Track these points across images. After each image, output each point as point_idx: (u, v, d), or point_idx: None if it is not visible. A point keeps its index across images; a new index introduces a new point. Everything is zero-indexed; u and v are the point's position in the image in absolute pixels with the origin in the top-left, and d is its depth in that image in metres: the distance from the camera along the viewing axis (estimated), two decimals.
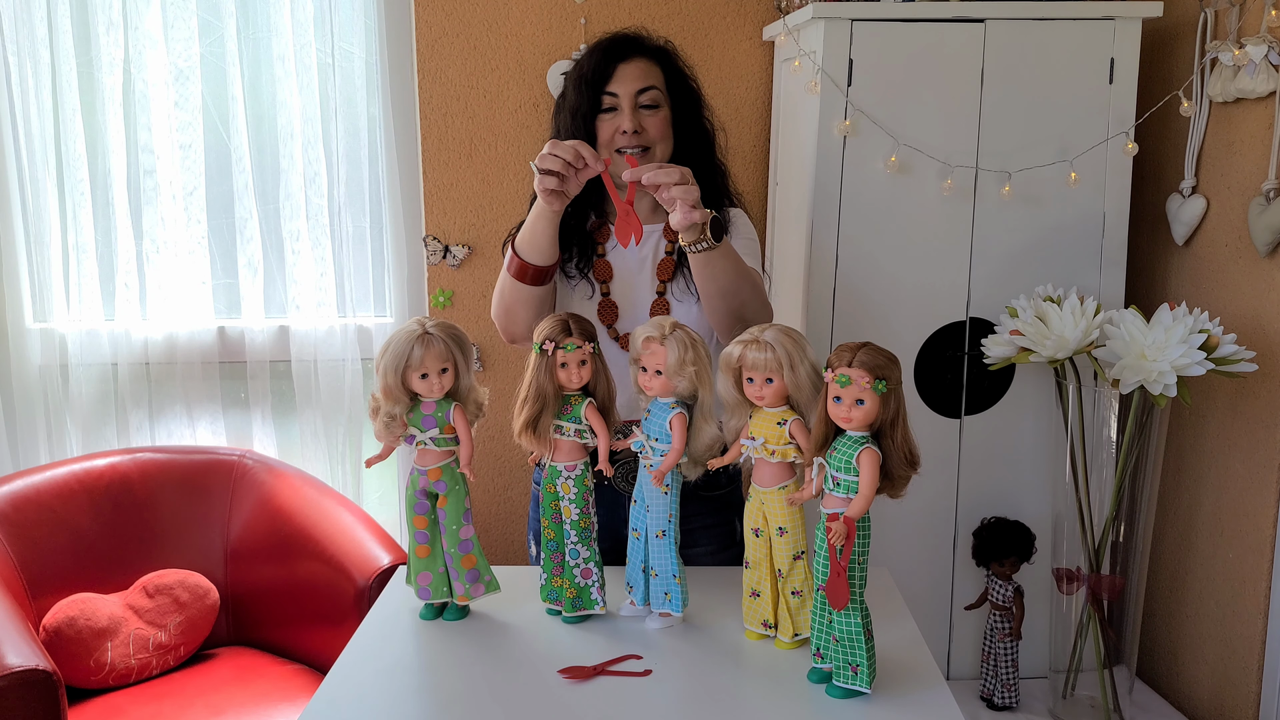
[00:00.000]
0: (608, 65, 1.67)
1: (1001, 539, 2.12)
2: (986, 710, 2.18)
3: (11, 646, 1.75)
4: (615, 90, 1.67)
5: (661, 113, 1.69)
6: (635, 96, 1.67)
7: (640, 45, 1.71)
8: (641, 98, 1.67)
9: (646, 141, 1.68)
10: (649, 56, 1.70)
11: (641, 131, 1.67)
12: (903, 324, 2.17)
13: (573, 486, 1.43)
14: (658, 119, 1.69)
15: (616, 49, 1.69)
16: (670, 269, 1.74)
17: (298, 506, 2.27)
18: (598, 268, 1.74)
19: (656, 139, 1.69)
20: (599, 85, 1.67)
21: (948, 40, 2.07)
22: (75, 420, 2.54)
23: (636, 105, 1.67)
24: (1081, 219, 2.15)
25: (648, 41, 1.72)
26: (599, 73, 1.67)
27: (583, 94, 1.68)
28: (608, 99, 1.68)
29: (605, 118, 1.69)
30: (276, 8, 2.42)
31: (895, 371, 1.21)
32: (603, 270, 1.74)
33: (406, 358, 1.37)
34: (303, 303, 2.54)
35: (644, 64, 1.69)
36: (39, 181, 2.45)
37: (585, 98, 1.68)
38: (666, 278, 1.73)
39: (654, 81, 1.69)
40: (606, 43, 1.70)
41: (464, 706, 1.26)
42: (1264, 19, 1.93)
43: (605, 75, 1.67)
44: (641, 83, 1.67)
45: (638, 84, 1.67)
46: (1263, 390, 1.99)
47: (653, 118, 1.68)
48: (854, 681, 1.25)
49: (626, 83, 1.67)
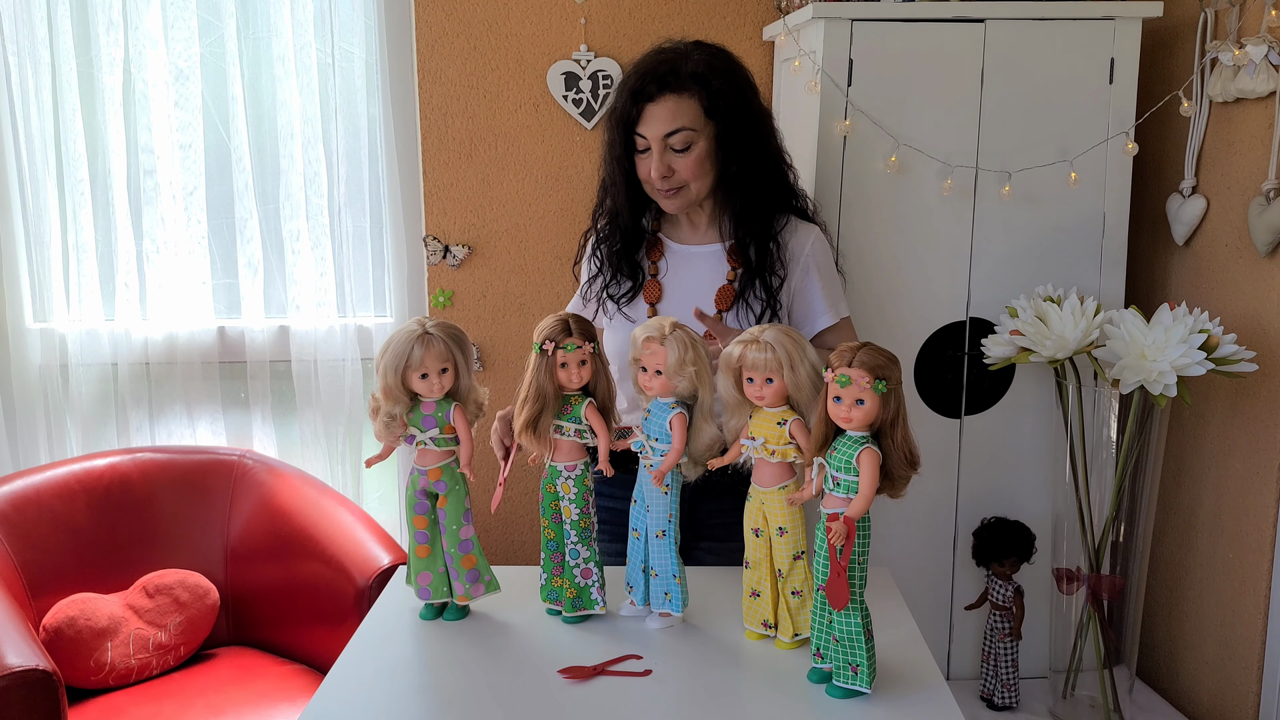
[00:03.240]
0: (635, 106, 1.62)
1: (1001, 539, 2.12)
2: (986, 710, 2.18)
3: (11, 646, 1.75)
4: (644, 133, 1.63)
5: (695, 151, 1.63)
6: (664, 140, 1.62)
7: (669, 81, 1.61)
8: (671, 140, 1.62)
9: (678, 183, 1.65)
10: (682, 90, 1.61)
11: (671, 174, 1.64)
12: (903, 324, 2.17)
13: (573, 486, 1.43)
14: (689, 160, 1.63)
15: (646, 88, 1.61)
16: (730, 298, 1.69)
17: (298, 506, 2.27)
18: (646, 289, 1.72)
19: (690, 178, 1.65)
20: (629, 126, 1.63)
21: (948, 40, 2.07)
22: (75, 420, 2.54)
23: (666, 147, 1.62)
24: (1081, 219, 2.15)
25: (677, 76, 1.61)
26: (627, 114, 1.63)
27: (614, 134, 1.65)
28: (639, 140, 1.64)
29: (640, 156, 1.66)
30: (276, 8, 2.42)
31: (895, 371, 1.21)
32: (652, 291, 1.71)
33: (406, 358, 1.37)
34: (303, 303, 2.54)
35: (673, 102, 1.61)
36: (39, 181, 2.45)
37: (617, 138, 1.65)
38: (725, 307, 1.69)
39: (684, 120, 1.61)
40: (635, 81, 1.63)
41: (464, 706, 1.26)
42: (1264, 19, 1.93)
43: (634, 117, 1.63)
44: (669, 125, 1.61)
45: (665, 127, 1.61)
46: (1263, 390, 1.98)
47: (683, 158, 1.63)
48: (854, 681, 1.25)
49: (654, 125, 1.61)
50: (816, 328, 1.74)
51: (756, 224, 1.69)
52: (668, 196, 1.67)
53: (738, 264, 1.71)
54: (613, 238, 1.74)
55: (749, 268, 1.69)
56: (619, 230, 1.74)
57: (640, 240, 1.74)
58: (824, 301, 1.74)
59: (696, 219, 1.75)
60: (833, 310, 1.74)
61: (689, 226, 1.76)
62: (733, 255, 1.72)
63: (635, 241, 1.74)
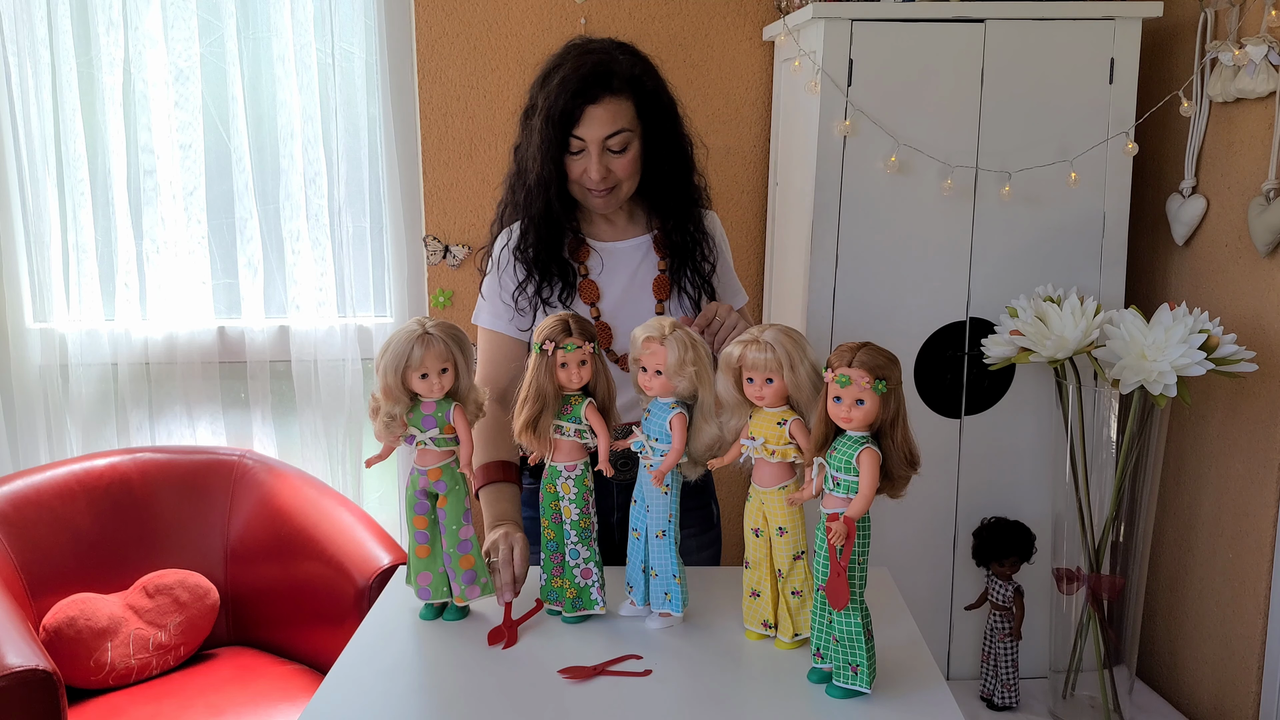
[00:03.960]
0: (575, 108, 1.59)
1: (1001, 539, 2.12)
2: (986, 710, 2.18)
3: (11, 646, 1.75)
4: (582, 135, 1.60)
5: (630, 151, 1.63)
6: (603, 141, 1.61)
7: (609, 83, 1.60)
8: (610, 142, 1.61)
9: (613, 183, 1.65)
10: (619, 92, 1.60)
11: (608, 175, 1.63)
12: (903, 324, 2.17)
13: (573, 486, 1.43)
14: (625, 160, 1.63)
15: (586, 89, 1.59)
16: (666, 288, 1.71)
17: (298, 506, 2.27)
18: (583, 289, 1.70)
19: (624, 177, 1.65)
20: (567, 127, 1.60)
21: (948, 40, 2.07)
22: (75, 420, 2.54)
23: (604, 149, 1.61)
24: (1081, 219, 2.15)
25: (617, 77, 1.61)
26: (567, 115, 1.60)
27: (549, 134, 1.61)
28: (575, 141, 1.61)
29: (573, 157, 1.63)
30: (276, 8, 2.42)
31: (895, 371, 1.21)
32: (589, 291, 1.70)
33: (406, 358, 1.37)
34: (303, 303, 2.54)
35: (613, 104, 1.60)
36: (39, 181, 2.45)
37: (552, 138, 1.61)
38: (664, 296, 1.71)
39: (623, 122, 1.61)
40: (576, 82, 1.59)
41: (464, 706, 1.25)
42: (1264, 19, 1.93)
43: (573, 118, 1.60)
44: (610, 127, 1.60)
45: (605, 129, 1.60)
46: (1263, 390, 1.98)
47: (620, 159, 1.63)
48: (854, 681, 1.25)
49: (595, 127, 1.59)
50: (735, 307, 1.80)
51: (684, 216, 1.72)
52: (600, 196, 1.66)
53: (665, 255, 1.73)
54: (537, 241, 1.70)
55: (679, 258, 1.72)
56: (543, 232, 1.69)
57: (562, 240, 1.71)
58: (737, 281, 1.85)
59: (616, 215, 1.75)
60: (741, 291, 1.85)
61: (607, 223, 1.75)
62: (660, 247, 1.73)
63: (559, 242, 1.71)
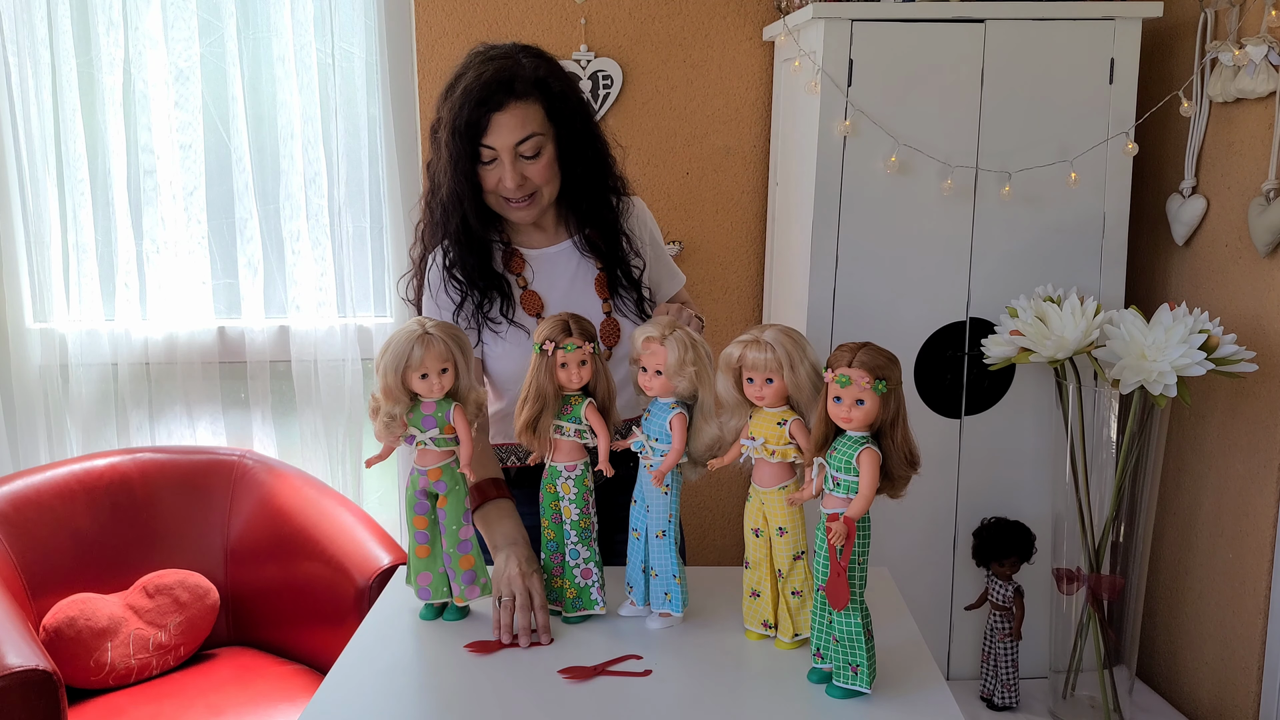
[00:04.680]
0: (480, 117, 1.56)
1: (1001, 539, 2.12)
2: (986, 710, 2.18)
3: (11, 646, 1.75)
4: (492, 144, 1.57)
5: (544, 156, 1.60)
6: (514, 148, 1.57)
7: (512, 88, 1.56)
8: (521, 148, 1.58)
9: (531, 189, 1.62)
10: (525, 96, 1.56)
11: (525, 182, 1.60)
12: (903, 324, 2.17)
13: (573, 486, 1.43)
14: (540, 165, 1.60)
15: (491, 96, 1.56)
16: (606, 285, 1.70)
17: (298, 506, 2.27)
18: (525, 301, 1.67)
19: (541, 183, 1.62)
20: (475, 138, 1.57)
21: (948, 40, 2.07)
22: (75, 420, 2.54)
23: (517, 156, 1.58)
24: (1081, 219, 2.15)
25: (521, 81, 1.57)
26: (474, 125, 1.56)
27: (457, 146, 1.57)
28: (486, 151, 1.58)
29: (486, 168, 1.60)
30: (276, 8, 2.42)
31: (895, 371, 1.21)
32: (531, 303, 1.68)
33: (406, 358, 1.37)
34: (303, 303, 2.54)
35: (520, 108, 1.56)
36: (39, 181, 2.45)
37: (462, 151, 1.58)
38: (608, 295, 1.70)
39: (533, 126, 1.58)
40: (479, 90, 1.55)
41: (464, 706, 1.26)
42: (1264, 19, 1.93)
43: (481, 128, 1.56)
44: (519, 133, 1.57)
45: (515, 135, 1.56)
46: (1263, 390, 1.98)
47: (535, 165, 1.60)
48: (854, 681, 1.25)
49: (503, 135, 1.56)
50: (671, 291, 1.82)
51: (603, 218, 1.71)
52: (520, 206, 1.63)
53: (599, 254, 1.71)
54: (462, 258, 1.66)
55: (608, 259, 1.71)
56: (470, 248, 1.66)
57: (489, 255, 1.68)
58: (672, 264, 1.84)
59: (544, 221, 1.72)
60: (677, 273, 1.85)
61: (538, 230, 1.73)
62: (588, 249, 1.72)
63: (487, 256, 1.68)
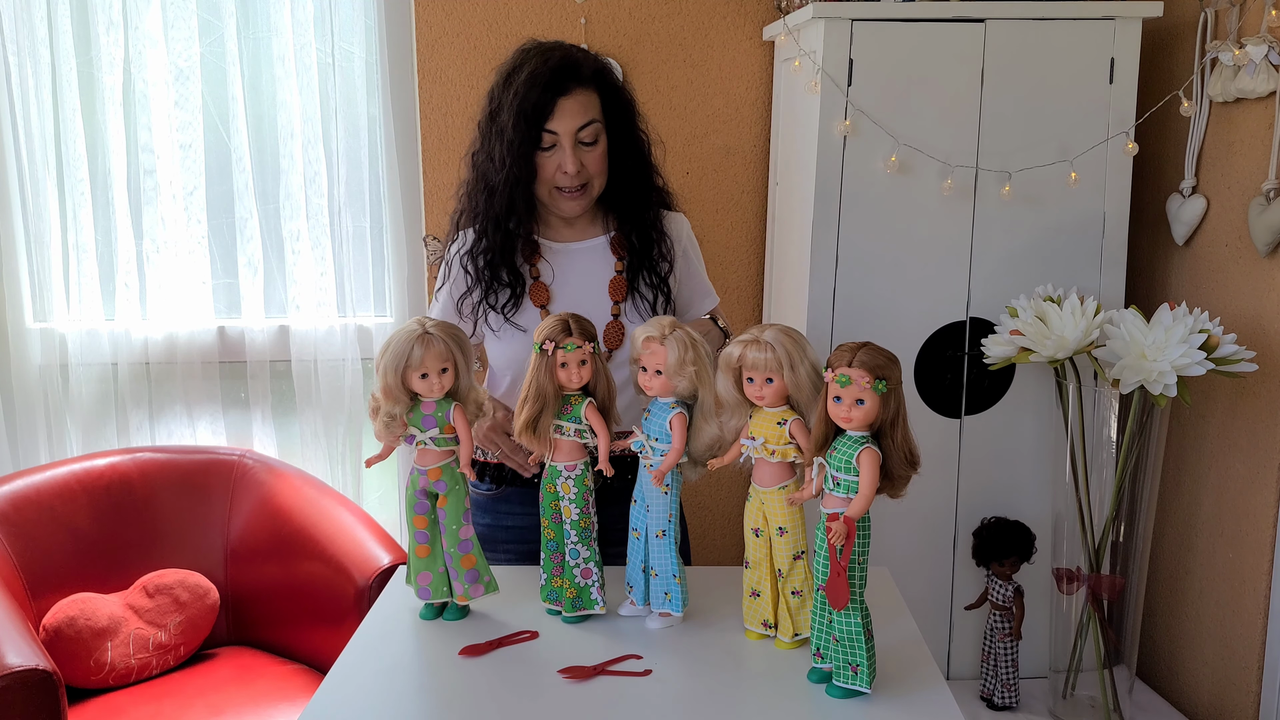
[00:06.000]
0: (548, 100, 1.59)
1: (1001, 539, 2.12)
2: (986, 710, 2.18)
3: (11, 646, 1.75)
4: (555, 129, 1.60)
5: (600, 144, 1.64)
6: (576, 134, 1.61)
7: (578, 74, 1.61)
8: (582, 134, 1.61)
9: (586, 179, 1.64)
10: (587, 85, 1.62)
11: (581, 170, 1.63)
12: (903, 324, 2.17)
13: (573, 486, 1.43)
14: (596, 154, 1.64)
15: (557, 81, 1.59)
16: (623, 289, 1.70)
17: (298, 506, 2.27)
18: (533, 292, 1.68)
19: (595, 174, 1.65)
20: (539, 121, 1.60)
21: (948, 40, 2.07)
22: (75, 420, 2.54)
23: (577, 142, 1.61)
24: (1081, 219, 2.15)
25: (584, 68, 1.62)
26: (539, 109, 1.59)
27: (521, 129, 1.60)
28: (547, 136, 1.61)
29: (544, 154, 1.62)
30: (276, 8, 2.42)
31: (895, 371, 1.21)
32: (539, 294, 1.68)
33: (406, 357, 1.37)
34: (303, 303, 2.54)
35: (583, 96, 1.61)
36: (39, 181, 2.45)
37: (524, 134, 1.60)
38: (620, 298, 1.70)
39: (593, 113, 1.62)
40: (546, 74, 1.59)
41: (464, 706, 1.26)
42: (1264, 19, 1.93)
43: (546, 111, 1.59)
44: (581, 118, 1.60)
45: (578, 120, 1.60)
46: (1263, 390, 1.98)
47: (591, 153, 1.63)
48: (854, 681, 1.25)
49: (567, 120, 1.60)
50: (703, 309, 1.82)
51: (642, 216, 1.72)
52: (572, 197, 1.65)
53: (623, 255, 1.72)
54: (491, 245, 1.68)
55: (636, 258, 1.71)
56: (498, 238, 1.67)
57: (515, 246, 1.69)
58: (706, 284, 1.85)
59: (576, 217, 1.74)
60: (711, 293, 1.86)
61: (566, 225, 1.74)
62: (618, 247, 1.72)
63: (513, 247, 1.69)
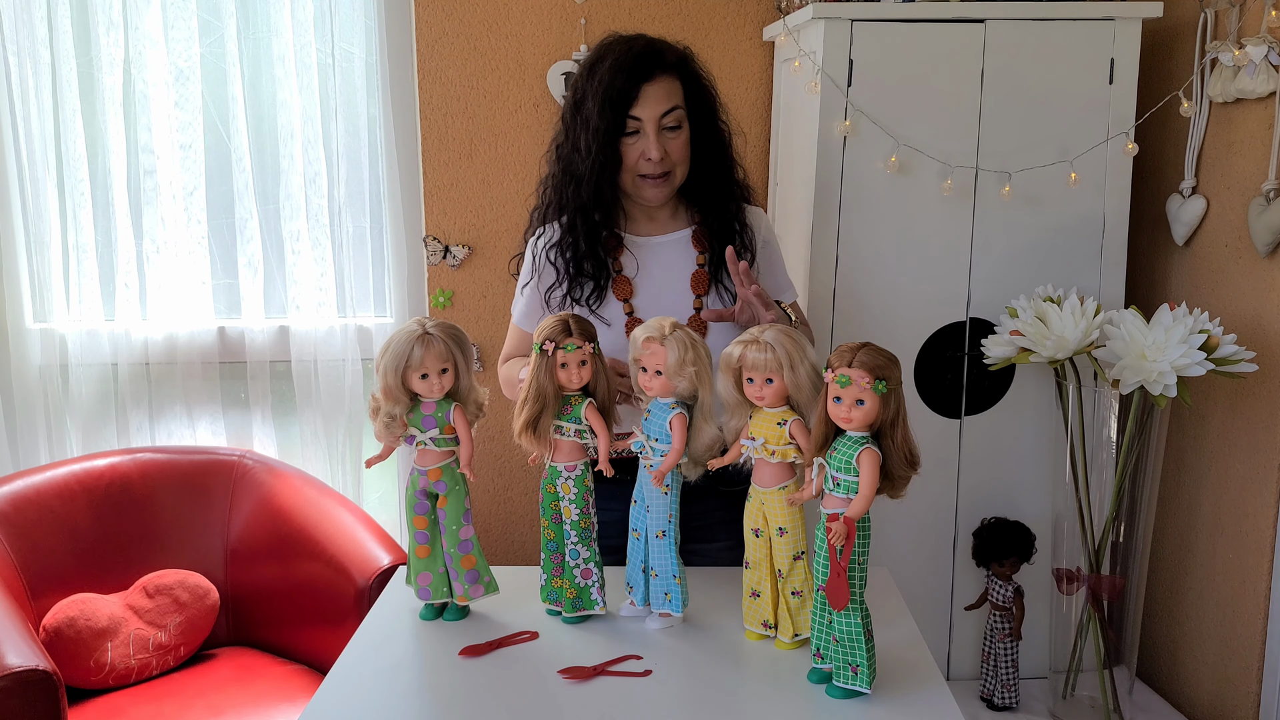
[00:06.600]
0: (633, 86, 1.61)
1: (1001, 539, 2.12)
2: (986, 710, 2.18)
3: (11, 646, 1.75)
4: (639, 115, 1.61)
5: (683, 132, 1.65)
6: (659, 119, 1.62)
7: (662, 60, 1.63)
8: (665, 120, 1.63)
9: (669, 166, 1.65)
10: (670, 71, 1.64)
11: (665, 158, 1.64)
12: (903, 324, 2.17)
13: (573, 487, 1.43)
14: (679, 141, 1.65)
15: (641, 68, 1.61)
16: (705, 283, 1.70)
17: (298, 507, 2.27)
18: (617, 285, 1.69)
19: (678, 161, 1.66)
20: (623, 107, 1.61)
21: (948, 40, 2.07)
22: (75, 420, 2.54)
23: (660, 128, 1.63)
24: (1081, 219, 2.15)
25: (668, 55, 1.65)
26: (624, 94, 1.61)
27: (606, 116, 1.61)
28: (631, 122, 1.62)
29: (629, 140, 1.64)
30: (276, 8, 2.42)
31: (895, 372, 1.21)
32: (623, 288, 1.69)
33: (406, 358, 1.37)
34: (303, 303, 2.54)
35: (667, 82, 1.63)
36: (39, 181, 2.45)
37: (609, 120, 1.61)
38: (703, 291, 1.70)
39: (676, 100, 1.64)
40: (630, 61, 1.61)
41: (464, 706, 1.26)
42: (1264, 19, 1.93)
43: (630, 97, 1.61)
44: (666, 104, 1.62)
45: (662, 106, 1.62)
46: (1263, 390, 1.98)
47: (675, 140, 1.65)
48: (854, 682, 1.25)
49: (651, 105, 1.61)
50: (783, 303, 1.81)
51: (724, 208, 1.72)
52: (656, 184, 1.66)
53: (706, 249, 1.72)
54: (577, 235, 1.68)
55: (719, 249, 1.71)
56: (583, 230, 1.68)
57: (599, 237, 1.69)
58: (786, 277, 1.85)
59: (658, 211, 1.75)
60: (791, 286, 1.85)
61: (648, 219, 1.75)
62: (700, 240, 1.73)
63: (596, 240, 1.69)
